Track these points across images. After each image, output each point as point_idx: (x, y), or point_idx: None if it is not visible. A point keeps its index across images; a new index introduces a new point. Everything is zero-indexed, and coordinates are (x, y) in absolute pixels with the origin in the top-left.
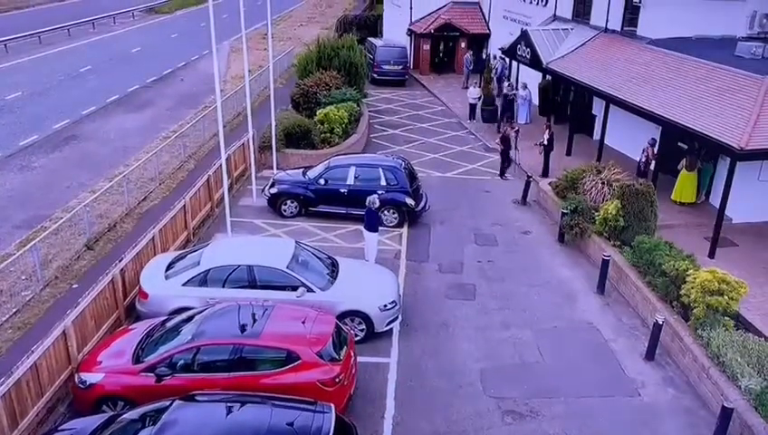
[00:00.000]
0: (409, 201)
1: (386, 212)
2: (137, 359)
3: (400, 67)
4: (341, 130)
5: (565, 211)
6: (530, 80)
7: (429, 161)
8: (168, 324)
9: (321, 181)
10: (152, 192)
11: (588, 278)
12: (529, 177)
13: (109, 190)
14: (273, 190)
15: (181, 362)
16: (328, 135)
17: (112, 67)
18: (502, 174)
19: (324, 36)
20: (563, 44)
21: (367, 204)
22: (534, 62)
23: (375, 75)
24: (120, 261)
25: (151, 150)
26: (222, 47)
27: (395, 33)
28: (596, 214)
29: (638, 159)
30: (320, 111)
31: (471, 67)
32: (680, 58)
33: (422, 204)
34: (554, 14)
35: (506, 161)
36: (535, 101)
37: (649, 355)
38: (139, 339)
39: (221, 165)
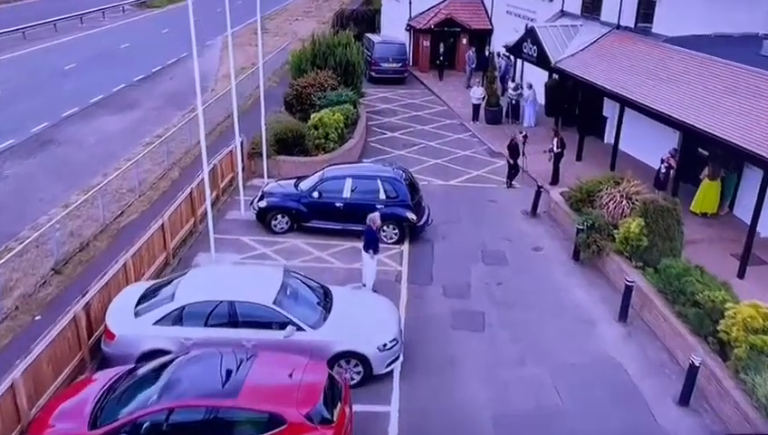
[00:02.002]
0: (411, 216)
1: (385, 228)
2: (93, 422)
3: (399, 65)
4: (337, 135)
5: (581, 227)
6: (535, 79)
7: (431, 168)
8: (134, 375)
9: (315, 194)
10: (131, 205)
11: (607, 302)
12: (539, 187)
13: (83, 204)
14: (263, 204)
15: (146, 425)
16: (322, 141)
17: (99, 65)
18: (509, 182)
19: (320, 32)
20: (572, 42)
21: (367, 222)
22: (542, 61)
23: (373, 73)
24: (83, 295)
25: (133, 158)
26: (214, 43)
27: (394, 28)
28: (615, 230)
29: (656, 168)
30: (314, 114)
31: (473, 65)
32: (700, 57)
33: (424, 218)
34: (562, 10)
35: (514, 169)
36: (541, 100)
37: (683, 400)
38: (97, 395)
39: (204, 178)
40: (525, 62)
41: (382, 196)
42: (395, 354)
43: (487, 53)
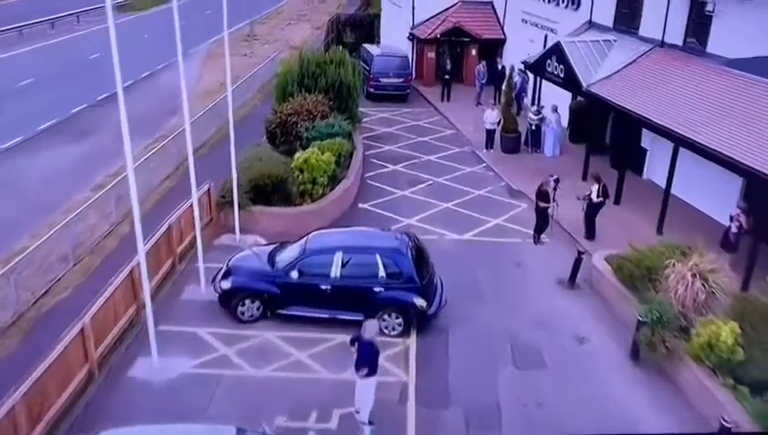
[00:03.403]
0: (419, 302)
1: (386, 316)
2: None
3: (401, 80)
4: (327, 178)
5: (643, 320)
6: (555, 98)
7: (440, 215)
8: None
9: (294, 274)
10: (60, 279)
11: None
12: (580, 253)
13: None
14: (226, 285)
15: None
16: (309, 186)
17: (61, 79)
18: (537, 237)
19: (312, 41)
20: (606, 60)
21: (362, 333)
22: (570, 83)
23: (371, 90)
24: None
25: (75, 208)
26: (197, 52)
27: (395, 36)
28: (687, 324)
29: (715, 217)
30: (298, 154)
31: (484, 80)
32: None
33: (436, 301)
34: (589, 21)
35: (543, 220)
36: (564, 124)
37: None
38: None
39: (149, 258)
40: (543, 80)
41: (381, 274)
42: None
43: (500, 67)
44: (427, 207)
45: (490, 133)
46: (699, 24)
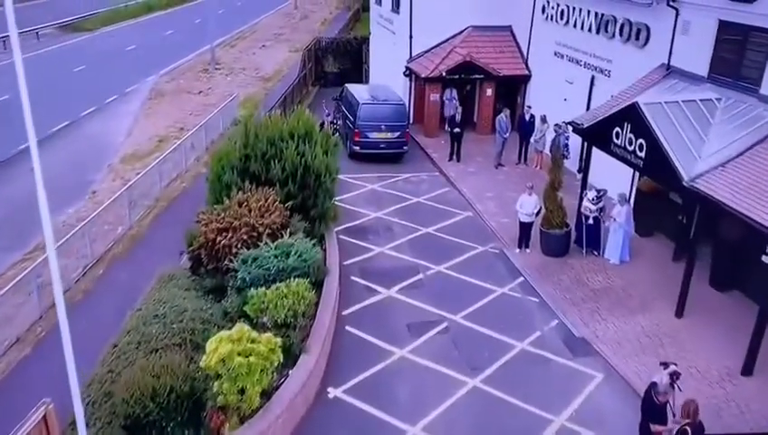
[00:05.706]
0: None
1: None
2: None
3: (396, 135)
4: (266, 378)
5: None
6: (609, 170)
7: (465, 411)
8: None
9: None
10: None
11: None
12: None
13: None
14: None
15: None
16: (234, 398)
17: None
18: None
19: (289, 69)
20: (711, 133)
21: None
22: (657, 170)
23: (356, 148)
24: None
25: None
26: (139, 89)
27: (387, 69)
28: None
29: None
30: (211, 343)
31: (507, 135)
32: None
33: None
34: (667, 65)
35: None
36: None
37: None
38: None
39: None
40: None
41: None
42: None
43: (528, 117)
44: (443, 389)
45: (526, 227)
46: None
